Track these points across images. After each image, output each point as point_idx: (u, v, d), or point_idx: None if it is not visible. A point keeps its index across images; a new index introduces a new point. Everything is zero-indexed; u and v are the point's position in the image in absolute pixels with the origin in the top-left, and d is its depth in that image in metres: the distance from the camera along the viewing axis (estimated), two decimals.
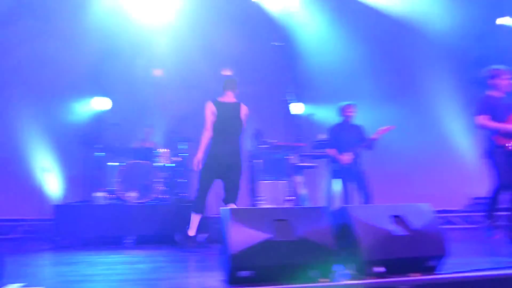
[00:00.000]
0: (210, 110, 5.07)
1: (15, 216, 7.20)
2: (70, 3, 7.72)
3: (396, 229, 3.05)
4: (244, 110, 5.20)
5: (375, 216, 3.10)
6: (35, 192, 6.76)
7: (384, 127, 5.94)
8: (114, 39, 8.27)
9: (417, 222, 3.11)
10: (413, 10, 8.33)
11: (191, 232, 4.97)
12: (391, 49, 8.45)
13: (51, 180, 5.98)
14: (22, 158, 7.12)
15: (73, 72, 7.81)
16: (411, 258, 3.01)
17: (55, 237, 5.73)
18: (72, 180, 7.66)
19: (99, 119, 8.24)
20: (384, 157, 7.32)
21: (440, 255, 3.08)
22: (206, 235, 6.03)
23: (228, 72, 8.80)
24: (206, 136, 4.99)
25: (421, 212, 3.21)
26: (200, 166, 5.01)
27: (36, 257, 4.73)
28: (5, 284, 2.73)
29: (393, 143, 7.07)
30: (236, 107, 5.19)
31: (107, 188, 6.60)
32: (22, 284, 2.81)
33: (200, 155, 4.95)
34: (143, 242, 5.91)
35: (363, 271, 2.93)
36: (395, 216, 3.11)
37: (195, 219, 4.99)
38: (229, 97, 5.24)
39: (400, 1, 8.38)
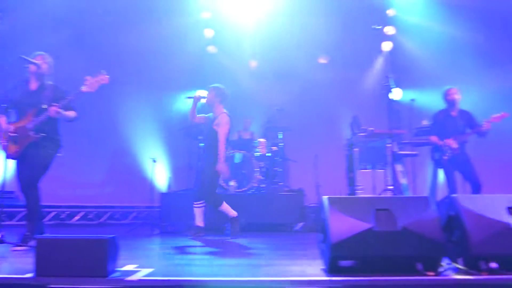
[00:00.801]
0: (230, 123, 5.32)
1: (127, 203, 7.86)
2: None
3: None
4: None
5: (488, 207, 2.86)
6: (144, 181, 7.31)
7: (496, 115, 5.44)
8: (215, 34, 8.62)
9: None
10: None
11: (232, 214, 5.29)
12: (501, 27, 7.68)
13: (158, 169, 6.41)
14: (133, 149, 7.73)
15: (177, 65, 8.28)
16: None
17: (162, 223, 6.13)
18: (177, 169, 8.15)
19: (200, 111, 8.63)
20: (496, 144, 6.73)
21: None
22: (302, 224, 6.07)
23: (324, 60, 8.69)
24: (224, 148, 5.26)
25: None
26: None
27: (146, 241, 5.09)
28: (122, 265, 2.97)
29: (507, 129, 6.47)
30: None
31: None
32: (135, 266, 3.04)
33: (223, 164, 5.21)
34: (242, 229, 6.10)
35: (473, 266, 2.72)
36: None
37: (226, 207, 5.25)
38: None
39: None
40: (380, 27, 4.23)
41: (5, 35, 6.75)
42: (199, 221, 5.34)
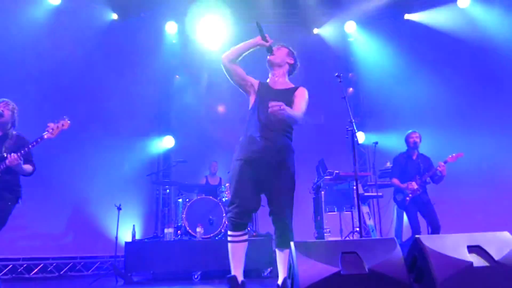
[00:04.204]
0: None
1: (90, 253, 7.57)
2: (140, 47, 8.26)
3: (476, 260, 2.85)
4: None
5: (451, 246, 2.92)
6: (108, 230, 7.10)
7: (452, 155, 5.69)
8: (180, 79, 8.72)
9: (499, 253, 2.89)
10: (475, 28, 8.01)
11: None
12: (457, 71, 8.13)
13: (123, 217, 6.25)
14: (95, 197, 7.51)
15: (142, 111, 8.27)
16: None
17: (127, 273, 5.92)
18: (142, 217, 7.98)
19: (167, 157, 8.59)
20: (454, 184, 6.95)
21: None
22: (271, 269, 5.99)
23: None
24: None
25: (503, 241, 2.99)
26: None
27: None
28: None
29: (464, 169, 6.72)
30: None
31: (175, 224, 6.79)
32: None
33: None
34: (210, 277, 5.97)
35: None
36: (474, 246, 2.91)
37: None
38: None
39: (461, 21, 8.08)
40: (341, 75, 4.38)
41: None
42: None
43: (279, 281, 3.36)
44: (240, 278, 3.41)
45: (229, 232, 3.38)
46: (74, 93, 7.42)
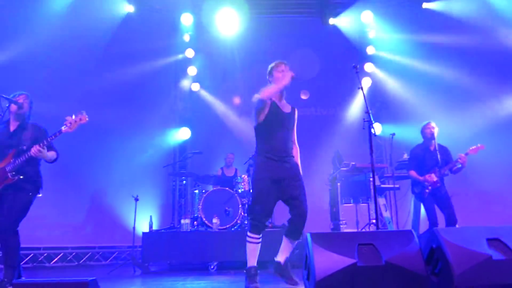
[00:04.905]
0: None
1: (108, 243, 7.69)
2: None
3: (495, 253, 2.81)
4: None
5: (469, 239, 2.88)
6: (125, 220, 7.20)
7: (473, 147, 5.57)
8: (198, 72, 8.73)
9: None
10: (495, 16, 7.82)
11: None
12: (476, 60, 7.97)
13: (140, 208, 6.33)
14: (114, 188, 7.61)
15: (160, 103, 8.32)
16: None
17: (144, 263, 5.99)
18: (159, 207, 8.06)
19: (183, 148, 8.65)
20: (474, 175, 6.85)
21: None
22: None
23: (305, 96, 8.83)
24: None
25: None
26: None
27: (128, 282, 4.95)
28: None
29: (483, 160, 6.61)
30: None
31: (192, 215, 6.84)
32: None
33: None
34: (227, 267, 6.01)
35: None
36: (493, 239, 2.87)
37: None
38: None
39: (480, 9, 7.89)
40: (358, 65, 4.33)
41: None
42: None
43: (280, 259, 3.95)
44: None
45: (251, 234, 3.83)
46: (90, 84, 7.48)
